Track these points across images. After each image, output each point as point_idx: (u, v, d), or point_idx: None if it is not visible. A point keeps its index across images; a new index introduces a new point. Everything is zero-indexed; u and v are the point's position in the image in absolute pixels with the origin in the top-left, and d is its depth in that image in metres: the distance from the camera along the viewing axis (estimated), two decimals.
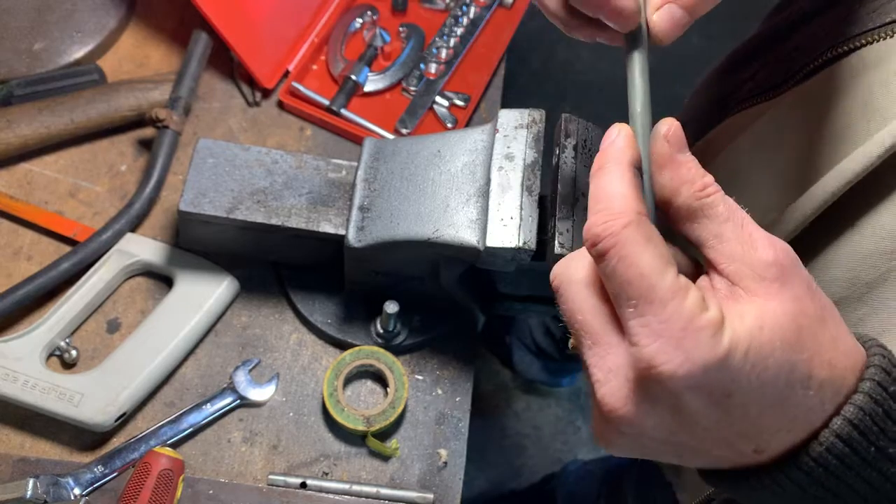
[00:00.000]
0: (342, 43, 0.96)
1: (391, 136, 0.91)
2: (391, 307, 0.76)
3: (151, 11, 0.97)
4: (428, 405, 0.80)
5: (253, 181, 0.76)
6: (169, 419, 0.76)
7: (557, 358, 1.60)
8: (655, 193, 0.46)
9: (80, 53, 0.92)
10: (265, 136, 0.91)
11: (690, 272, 0.46)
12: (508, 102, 0.83)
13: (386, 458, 0.77)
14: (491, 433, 1.70)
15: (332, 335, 0.81)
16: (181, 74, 0.88)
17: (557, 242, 0.64)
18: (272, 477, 0.75)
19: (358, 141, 0.91)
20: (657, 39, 0.49)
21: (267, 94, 0.93)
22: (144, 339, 0.77)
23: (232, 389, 0.78)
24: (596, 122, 0.69)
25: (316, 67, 0.96)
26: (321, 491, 0.75)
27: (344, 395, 0.78)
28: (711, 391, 0.41)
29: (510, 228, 0.67)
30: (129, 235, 0.82)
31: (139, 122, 0.88)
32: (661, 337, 0.40)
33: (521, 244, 0.67)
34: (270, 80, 0.93)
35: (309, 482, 0.75)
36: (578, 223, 0.65)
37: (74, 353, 0.78)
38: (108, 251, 0.81)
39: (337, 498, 0.75)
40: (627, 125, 0.47)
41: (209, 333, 0.81)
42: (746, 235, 0.42)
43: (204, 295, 0.79)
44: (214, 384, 0.79)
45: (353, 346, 0.80)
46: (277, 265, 0.83)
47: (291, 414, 0.79)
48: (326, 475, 0.76)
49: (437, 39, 0.97)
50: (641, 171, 0.46)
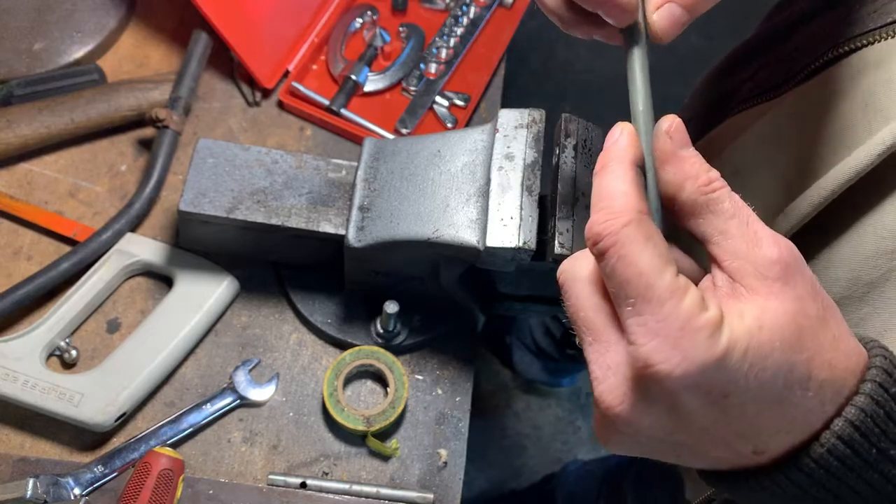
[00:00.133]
0: (342, 43, 0.96)
1: (391, 136, 0.91)
2: (391, 307, 0.76)
3: (151, 11, 0.97)
4: (428, 405, 0.80)
5: (253, 181, 0.76)
6: (169, 419, 0.76)
7: (557, 358, 1.60)
8: (660, 190, 0.45)
9: (80, 53, 0.92)
10: (265, 136, 0.91)
11: (693, 272, 0.46)
12: (508, 102, 0.83)
13: (386, 458, 0.77)
14: (491, 433, 1.70)
15: (332, 335, 0.81)
16: (181, 74, 0.88)
17: (557, 242, 0.64)
18: (272, 477, 0.75)
19: (358, 141, 0.91)
20: (657, 38, 0.49)
21: (267, 94, 0.93)
22: (144, 339, 0.77)
23: (232, 389, 0.78)
24: (596, 122, 0.69)
25: (316, 67, 0.96)
26: (321, 491, 0.75)
27: (344, 395, 0.78)
28: (709, 391, 0.41)
29: (510, 228, 0.67)
30: (129, 235, 0.82)
31: (139, 122, 0.88)
32: (658, 336, 0.40)
33: (521, 244, 0.67)
34: (270, 80, 0.93)
35: (309, 482, 0.75)
36: (578, 223, 0.65)
37: (74, 353, 0.78)
38: (108, 251, 0.81)
39: (337, 498, 0.75)
40: (630, 124, 0.47)
41: (209, 333, 0.81)
42: (751, 233, 0.42)
43: (204, 295, 0.79)
44: (214, 384, 0.79)
45: (353, 346, 0.80)
46: (277, 265, 0.83)
47: (291, 414, 0.79)
48: (326, 475, 0.76)
49: (437, 39, 0.97)
50: (645, 169, 0.46)
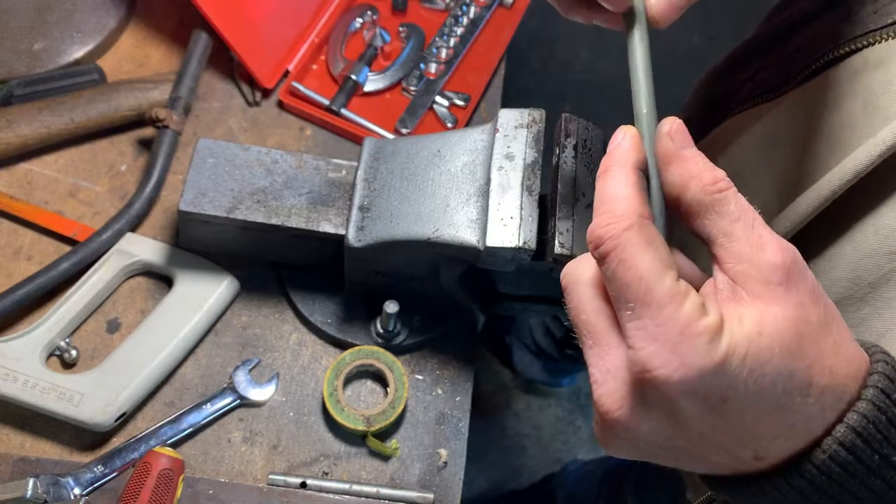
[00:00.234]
0: (342, 43, 0.96)
1: (391, 135, 0.91)
2: (391, 307, 0.76)
3: (151, 11, 0.97)
4: (428, 405, 0.80)
5: (253, 181, 0.76)
6: (169, 419, 0.76)
7: (557, 358, 1.60)
8: (665, 192, 0.45)
9: (80, 53, 0.92)
10: (265, 135, 0.91)
11: (694, 276, 0.46)
12: (508, 102, 0.83)
13: (386, 457, 0.77)
14: (491, 433, 1.70)
15: (332, 335, 0.81)
16: (181, 74, 0.88)
17: (557, 242, 0.64)
18: (272, 477, 0.75)
19: (358, 141, 0.91)
20: (654, 22, 0.48)
21: (267, 93, 0.93)
22: (144, 339, 0.77)
23: (232, 389, 0.78)
24: (596, 122, 0.69)
25: (316, 67, 0.96)
26: (321, 491, 0.75)
27: (344, 394, 0.78)
28: (707, 397, 0.40)
29: (510, 228, 0.67)
30: (129, 235, 0.82)
31: (139, 122, 0.88)
32: (656, 341, 0.40)
33: (521, 244, 0.66)
34: (270, 79, 0.93)
35: (309, 482, 0.75)
36: (578, 223, 0.65)
37: (74, 353, 0.78)
38: (108, 251, 0.81)
39: (337, 498, 0.75)
40: (633, 127, 0.46)
41: (209, 333, 0.81)
42: (756, 236, 0.42)
43: (204, 295, 0.79)
44: (214, 384, 0.79)
45: (353, 345, 0.80)
46: (277, 265, 0.83)
47: (291, 414, 0.79)
48: (326, 475, 0.76)
49: (437, 39, 0.97)
50: (648, 173, 0.46)
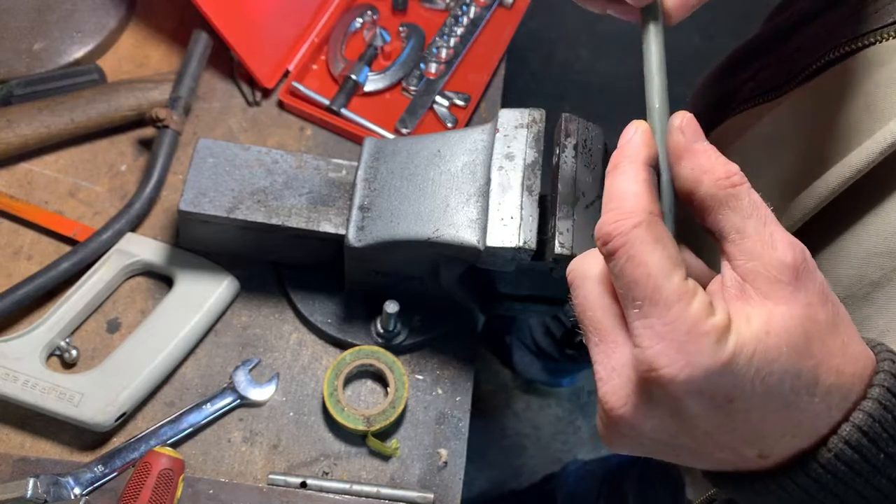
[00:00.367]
0: (342, 43, 0.96)
1: (391, 135, 0.91)
2: (391, 307, 0.76)
3: (151, 11, 0.97)
4: (428, 405, 0.80)
5: (253, 181, 0.76)
6: (169, 419, 0.76)
7: (557, 358, 1.60)
8: (677, 187, 0.45)
9: (80, 53, 0.92)
10: (265, 135, 0.91)
11: (703, 274, 0.45)
12: (508, 102, 0.83)
13: (386, 457, 0.77)
14: (491, 433, 1.70)
15: (332, 335, 0.81)
16: (181, 74, 0.88)
17: (557, 242, 0.64)
18: (272, 476, 0.75)
19: (358, 141, 0.91)
20: (666, 17, 0.48)
21: (267, 93, 0.93)
22: (144, 338, 0.77)
23: (232, 389, 0.78)
24: (596, 122, 0.69)
25: (316, 67, 0.96)
26: (321, 491, 0.75)
27: (344, 394, 0.78)
28: (713, 396, 0.40)
29: (510, 228, 0.67)
30: (129, 235, 0.82)
31: (139, 121, 0.88)
32: (663, 340, 0.40)
33: (521, 244, 0.66)
34: (270, 79, 0.93)
35: (309, 482, 0.75)
36: (579, 223, 0.65)
37: (74, 352, 0.78)
38: (108, 251, 0.81)
39: (337, 498, 0.75)
40: (645, 122, 0.46)
41: (209, 333, 0.81)
42: (767, 234, 0.42)
43: (204, 295, 0.79)
44: (214, 384, 0.79)
45: (353, 345, 0.80)
46: (277, 265, 0.83)
47: (291, 414, 0.79)
48: (326, 475, 0.76)
49: (437, 39, 0.97)
50: (659, 170, 0.45)
